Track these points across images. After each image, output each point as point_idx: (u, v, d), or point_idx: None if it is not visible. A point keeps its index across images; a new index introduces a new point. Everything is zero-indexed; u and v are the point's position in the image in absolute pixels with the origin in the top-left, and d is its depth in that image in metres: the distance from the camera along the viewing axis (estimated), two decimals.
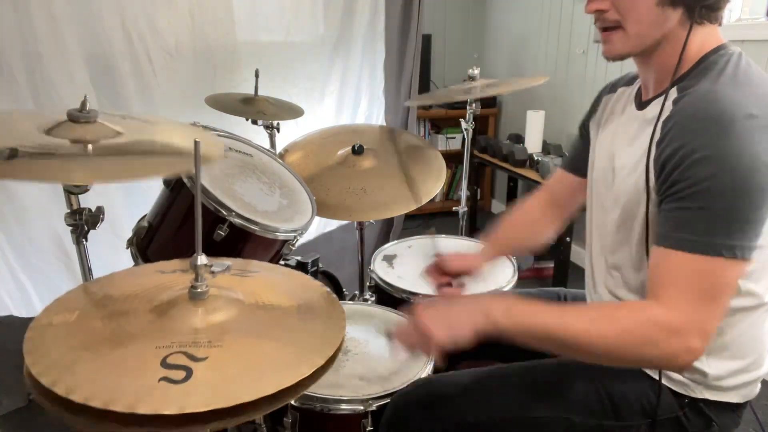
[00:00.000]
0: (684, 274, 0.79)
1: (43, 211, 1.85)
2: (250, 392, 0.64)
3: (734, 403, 0.95)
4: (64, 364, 0.67)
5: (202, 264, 0.78)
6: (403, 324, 0.92)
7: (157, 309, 0.78)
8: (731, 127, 0.77)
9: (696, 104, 0.82)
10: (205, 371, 0.67)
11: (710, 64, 0.87)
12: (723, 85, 0.83)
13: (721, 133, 0.77)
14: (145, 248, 1.31)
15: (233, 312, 0.80)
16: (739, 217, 0.78)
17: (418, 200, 1.63)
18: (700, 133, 0.79)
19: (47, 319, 0.76)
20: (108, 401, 0.60)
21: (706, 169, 0.77)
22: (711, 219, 0.78)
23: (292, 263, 1.69)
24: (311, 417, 1.11)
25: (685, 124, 0.81)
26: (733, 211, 0.78)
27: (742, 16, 2.31)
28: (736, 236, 0.78)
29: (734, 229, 0.78)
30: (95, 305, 0.82)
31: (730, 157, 0.77)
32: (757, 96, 0.81)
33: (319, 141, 1.84)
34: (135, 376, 0.66)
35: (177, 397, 0.62)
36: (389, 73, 2.93)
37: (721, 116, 0.78)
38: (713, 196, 0.78)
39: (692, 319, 0.78)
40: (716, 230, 0.78)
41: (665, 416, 0.95)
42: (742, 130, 0.77)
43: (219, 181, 1.26)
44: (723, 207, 0.78)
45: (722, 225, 0.78)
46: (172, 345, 0.70)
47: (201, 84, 2.16)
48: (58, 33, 1.79)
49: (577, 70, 2.99)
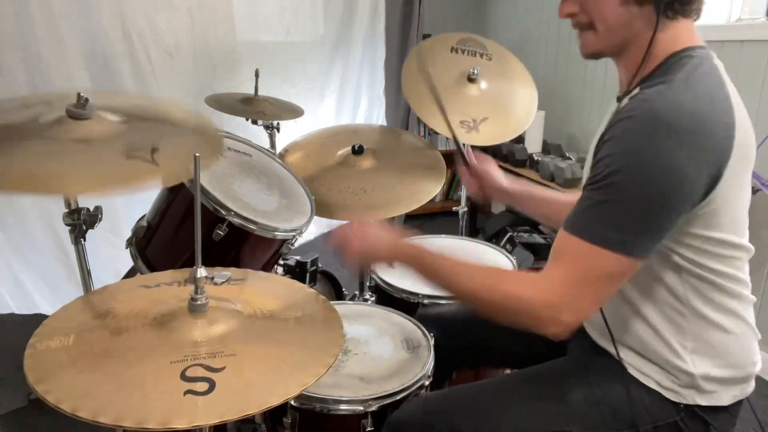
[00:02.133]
0: (572, 257, 0.84)
1: (43, 210, 1.86)
2: (277, 395, 0.67)
3: (726, 405, 0.94)
4: (81, 389, 0.67)
5: (201, 276, 0.78)
6: (338, 229, 1.07)
7: (157, 323, 0.78)
8: (656, 129, 0.78)
9: (637, 103, 0.83)
10: (227, 380, 0.68)
11: (673, 65, 0.86)
12: (671, 88, 0.82)
13: (643, 132, 0.79)
14: (144, 248, 1.31)
15: (234, 322, 0.80)
16: (637, 216, 0.80)
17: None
18: (627, 132, 0.81)
19: (43, 345, 0.75)
20: (140, 420, 0.61)
21: (618, 164, 0.80)
22: (610, 212, 0.81)
23: (291, 263, 1.69)
24: (311, 417, 1.11)
25: (621, 123, 0.82)
26: (633, 209, 0.80)
27: (742, 16, 2.31)
28: (630, 233, 0.81)
29: (630, 226, 0.81)
30: (89, 326, 0.81)
31: (644, 157, 0.79)
32: (694, 103, 0.81)
33: (319, 141, 1.84)
34: (159, 392, 0.66)
35: (208, 407, 0.64)
36: (389, 73, 2.93)
37: (650, 117, 0.79)
38: (617, 191, 0.80)
39: (567, 297, 0.83)
40: (612, 223, 0.81)
41: (663, 422, 0.95)
42: (664, 134, 0.78)
43: (218, 181, 1.26)
44: (625, 203, 0.80)
45: (620, 220, 0.81)
46: (186, 358, 0.71)
47: (201, 84, 2.17)
48: (58, 33, 1.79)
49: (577, 70, 2.98)
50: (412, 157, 1.79)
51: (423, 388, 1.16)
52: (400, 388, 1.11)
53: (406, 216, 3.10)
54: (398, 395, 1.10)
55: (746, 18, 2.30)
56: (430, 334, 1.28)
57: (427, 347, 1.24)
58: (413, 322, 1.34)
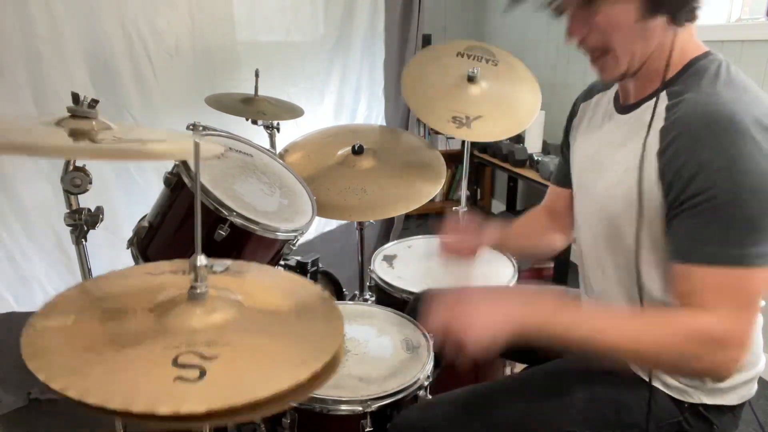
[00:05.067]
0: (719, 288, 0.78)
1: (44, 210, 1.86)
2: (268, 387, 0.65)
3: (733, 404, 0.94)
4: (72, 368, 0.67)
5: (201, 264, 0.78)
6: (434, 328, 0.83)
7: (156, 310, 0.78)
8: (743, 133, 0.76)
9: (700, 112, 0.80)
10: (218, 369, 0.68)
11: (700, 69, 0.86)
12: (722, 91, 0.81)
13: (734, 141, 0.76)
14: (145, 248, 1.31)
15: (233, 312, 0.80)
16: (764, 224, 0.77)
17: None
18: (711, 143, 0.77)
19: (42, 324, 0.75)
20: (126, 403, 0.61)
21: (725, 180, 0.76)
22: (737, 229, 0.77)
23: (292, 263, 1.69)
24: (310, 417, 1.11)
25: (693, 133, 0.79)
26: (757, 218, 0.76)
27: (742, 16, 2.31)
28: (763, 243, 0.77)
29: (761, 236, 0.77)
30: (90, 308, 0.81)
31: (747, 165, 0.75)
32: (758, 101, 0.80)
33: (319, 141, 1.84)
34: (149, 377, 0.66)
35: (196, 395, 0.63)
36: (389, 73, 2.93)
37: (731, 123, 0.76)
38: (736, 207, 0.76)
39: (734, 331, 0.78)
40: (744, 240, 0.77)
41: (667, 421, 0.94)
42: (754, 136, 0.76)
43: (219, 181, 1.26)
44: (747, 216, 0.76)
45: (749, 234, 0.77)
46: (179, 345, 0.71)
47: (201, 84, 2.17)
48: (58, 33, 1.79)
49: (577, 70, 2.98)
50: (412, 157, 1.79)
51: (422, 388, 1.16)
52: (400, 388, 1.11)
53: (406, 216, 3.11)
54: (398, 395, 1.10)
55: (746, 18, 2.30)
56: (430, 334, 1.28)
57: (426, 347, 1.24)
58: (413, 322, 1.34)
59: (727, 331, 0.77)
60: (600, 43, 0.87)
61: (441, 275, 1.58)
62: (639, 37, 0.85)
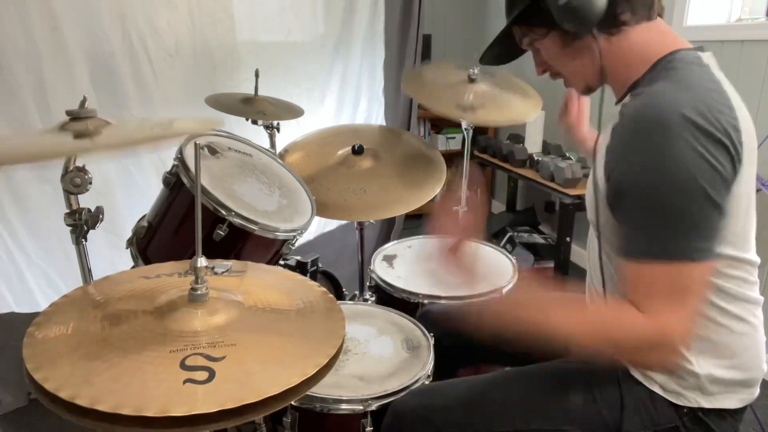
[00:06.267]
0: (650, 284, 0.81)
1: (44, 210, 1.86)
2: (278, 384, 0.66)
3: (732, 408, 0.93)
4: (80, 377, 0.67)
5: (202, 266, 0.78)
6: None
7: (157, 313, 0.78)
8: (669, 132, 0.77)
9: (636, 108, 0.83)
10: (227, 369, 0.68)
11: (662, 68, 0.87)
12: (663, 89, 0.83)
13: (659, 141, 0.78)
14: (144, 248, 1.31)
15: (234, 313, 0.80)
16: (692, 220, 0.79)
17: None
18: (639, 143, 0.80)
19: (41, 334, 0.75)
20: (139, 408, 0.61)
21: (652, 178, 0.79)
22: (665, 226, 0.79)
23: (291, 263, 1.69)
24: (311, 417, 1.11)
25: (626, 132, 0.82)
26: (686, 213, 0.78)
27: (742, 16, 2.31)
28: (695, 238, 0.79)
29: (692, 232, 0.79)
30: (90, 314, 0.81)
31: (672, 163, 0.77)
32: (694, 98, 0.80)
33: (319, 141, 1.84)
34: (158, 381, 0.66)
35: (207, 396, 0.64)
36: (389, 73, 2.93)
37: (657, 122, 0.78)
38: (662, 204, 0.79)
39: (673, 325, 0.80)
40: (677, 235, 0.79)
41: (665, 426, 0.94)
42: (681, 134, 0.77)
43: (219, 181, 1.26)
44: (674, 212, 0.78)
45: (681, 229, 0.79)
46: (185, 348, 0.71)
47: (201, 84, 2.16)
48: (58, 33, 1.79)
49: None
50: (412, 157, 1.79)
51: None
52: (400, 387, 1.11)
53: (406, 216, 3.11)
54: (398, 395, 1.10)
55: (746, 18, 2.30)
56: (430, 334, 1.28)
57: (427, 347, 1.24)
58: (413, 322, 1.34)
59: (656, 330, 0.79)
60: (555, 71, 1.01)
61: (441, 275, 1.58)
62: (575, 58, 0.94)
